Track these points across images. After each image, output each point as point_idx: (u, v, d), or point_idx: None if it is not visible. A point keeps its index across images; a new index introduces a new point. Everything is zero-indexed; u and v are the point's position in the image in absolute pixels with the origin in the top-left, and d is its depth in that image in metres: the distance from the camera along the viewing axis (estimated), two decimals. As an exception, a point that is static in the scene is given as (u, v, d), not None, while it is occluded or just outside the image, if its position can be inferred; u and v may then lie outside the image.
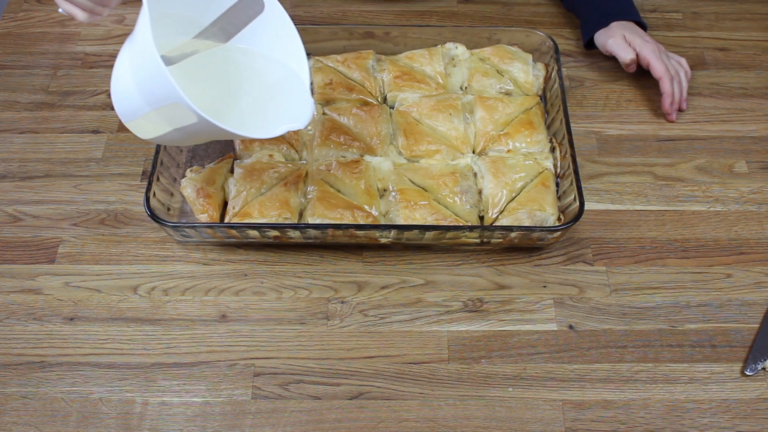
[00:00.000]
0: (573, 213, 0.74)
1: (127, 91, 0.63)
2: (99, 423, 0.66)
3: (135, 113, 0.64)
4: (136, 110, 0.64)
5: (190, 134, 0.65)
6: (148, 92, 0.61)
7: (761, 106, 0.92)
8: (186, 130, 0.63)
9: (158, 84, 0.59)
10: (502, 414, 0.67)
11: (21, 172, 0.84)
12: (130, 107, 0.64)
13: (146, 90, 0.61)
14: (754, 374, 0.69)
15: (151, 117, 0.63)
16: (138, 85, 0.62)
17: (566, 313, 0.73)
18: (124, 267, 0.76)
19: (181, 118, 0.61)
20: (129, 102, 0.64)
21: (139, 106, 0.63)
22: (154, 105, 0.62)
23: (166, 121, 0.63)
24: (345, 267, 0.77)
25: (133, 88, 0.62)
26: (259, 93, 0.74)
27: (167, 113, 0.62)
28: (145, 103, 0.62)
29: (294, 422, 0.66)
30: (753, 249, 0.78)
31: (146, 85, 0.61)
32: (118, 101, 0.65)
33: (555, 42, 0.87)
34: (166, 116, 0.62)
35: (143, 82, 0.61)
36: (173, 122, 0.63)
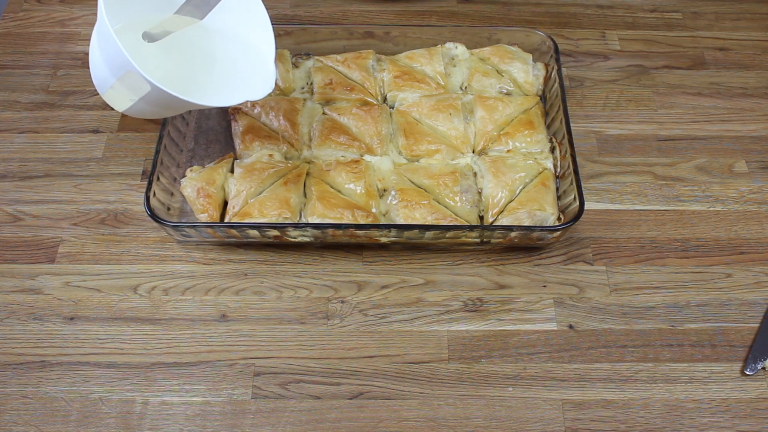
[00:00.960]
0: (573, 213, 0.74)
1: (95, 63, 0.68)
2: (99, 422, 0.66)
3: (105, 84, 0.68)
4: (105, 81, 0.67)
5: (154, 104, 0.67)
6: (109, 62, 0.65)
7: (761, 106, 0.92)
8: (147, 99, 0.66)
9: (113, 51, 0.62)
10: (502, 413, 0.67)
11: (21, 171, 0.84)
12: (100, 78, 0.68)
13: (108, 59, 0.65)
14: (754, 374, 0.69)
15: (117, 87, 0.67)
16: (102, 55, 0.66)
17: (566, 312, 0.73)
18: (124, 267, 0.76)
19: (139, 87, 0.64)
20: (98, 73, 0.68)
21: (106, 76, 0.66)
22: (116, 74, 0.65)
23: (129, 90, 0.66)
24: (345, 267, 0.77)
25: (99, 59, 0.66)
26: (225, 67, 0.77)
27: (128, 82, 0.64)
28: (110, 73, 0.66)
29: (294, 422, 0.66)
30: (753, 249, 0.78)
31: (107, 55, 0.65)
32: (92, 73, 0.69)
33: (555, 42, 0.87)
34: (128, 86, 0.65)
35: (104, 51, 0.65)
36: (136, 92, 0.65)
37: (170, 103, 0.68)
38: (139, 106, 0.68)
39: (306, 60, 0.90)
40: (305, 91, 0.88)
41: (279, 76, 0.87)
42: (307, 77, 0.89)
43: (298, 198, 0.77)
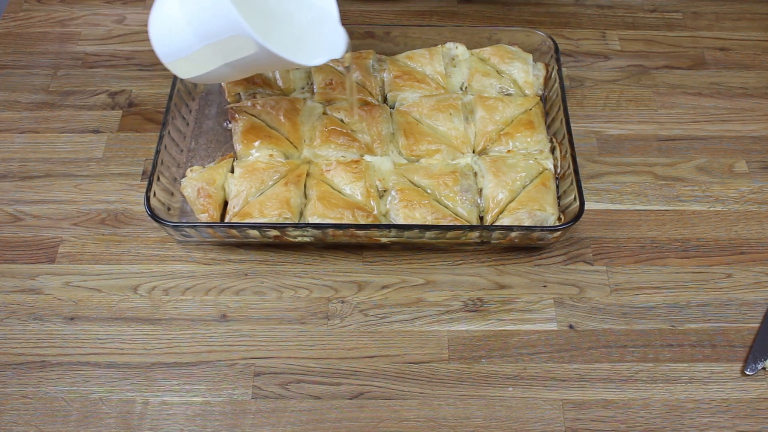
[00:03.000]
0: (573, 213, 0.74)
1: (174, 28, 0.64)
2: (99, 423, 0.66)
3: (182, 51, 0.65)
4: (184, 47, 0.64)
5: (240, 68, 0.66)
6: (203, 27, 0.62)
7: (761, 106, 0.92)
8: (237, 64, 0.64)
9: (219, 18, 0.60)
10: (502, 413, 0.67)
11: (21, 171, 0.84)
12: (177, 45, 0.65)
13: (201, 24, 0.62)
14: (754, 374, 0.69)
15: (202, 53, 0.64)
16: (191, 20, 0.62)
17: (566, 312, 0.73)
18: (124, 267, 0.76)
19: (236, 50, 0.62)
20: (176, 39, 0.64)
21: (189, 42, 0.63)
22: (208, 40, 0.62)
23: (217, 55, 0.64)
24: (345, 267, 0.77)
25: (183, 24, 0.63)
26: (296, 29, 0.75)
27: (221, 47, 0.62)
28: (196, 39, 0.63)
29: (294, 422, 0.66)
30: (753, 249, 0.78)
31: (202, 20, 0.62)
32: (161, 41, 0.66)
33: (555, 42, 0.87)
34: (220, 50, 0.63)
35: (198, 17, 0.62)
36: (226, 56, 0.63)
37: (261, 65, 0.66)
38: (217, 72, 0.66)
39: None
40: (305, 91, 0.88)
41: (279, 76, 0.88)
42: (307, 77, 0.89)
43: (299, 198, 0.77)
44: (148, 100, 0.91)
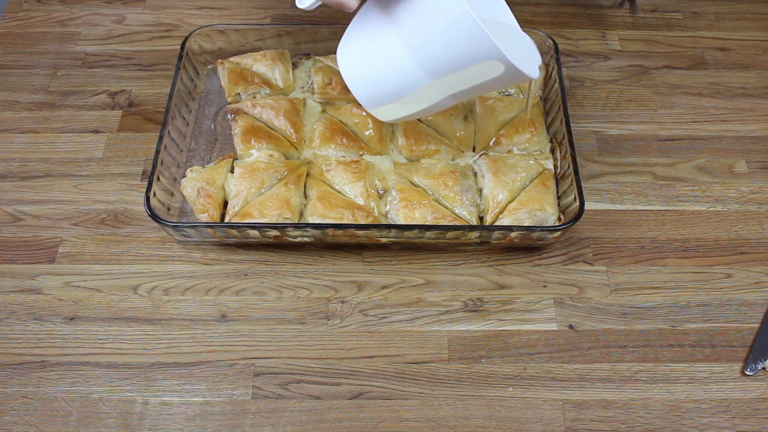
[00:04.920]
0: (573, 213, 0.74)
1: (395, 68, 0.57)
2: (99, 423, 0.66)
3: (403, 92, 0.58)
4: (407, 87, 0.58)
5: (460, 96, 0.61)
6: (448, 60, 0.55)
7: (761, 106, 0.92)
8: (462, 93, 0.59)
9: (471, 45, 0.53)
10: (502, 414, 0.67)
11: (21, 171, 0.84)
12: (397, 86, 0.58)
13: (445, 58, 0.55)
14: (754, 374, 0.69)
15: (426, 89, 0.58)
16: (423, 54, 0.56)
17: (566, 312, 0.73)
18: (124, 267, 0.76)
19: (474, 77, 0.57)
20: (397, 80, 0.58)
21: (415, 80, 0.57)
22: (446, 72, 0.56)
23: (446, 87, 0.58)
24: (345, 267, 0.77)
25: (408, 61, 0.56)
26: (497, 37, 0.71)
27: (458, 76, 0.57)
28: (426, 74, 0.57)
29: (294, 422, 0.66)
30: (753, 249, 0.78)
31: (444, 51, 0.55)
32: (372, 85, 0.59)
33: (555, 42, 0.87)
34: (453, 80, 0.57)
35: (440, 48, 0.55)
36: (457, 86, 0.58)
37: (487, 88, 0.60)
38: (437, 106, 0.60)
39: (306, 60, 0.90)
40: (305, 91, 0.88)
41: (280, 76, 0.88)
42: (307, 77, 0.89)
43: (299, 198, 0.77)
44: (148, 100, 0.91)
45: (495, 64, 0.55)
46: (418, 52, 0.56)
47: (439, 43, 0.55)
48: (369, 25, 0.59)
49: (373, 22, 0.58)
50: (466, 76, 0.57)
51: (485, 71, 0.57)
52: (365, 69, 0.59)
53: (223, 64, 0.88)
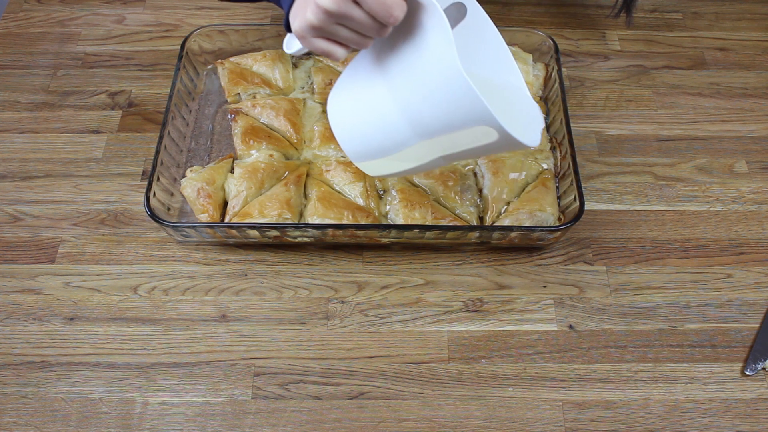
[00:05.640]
0: (573, 213, 0.74)
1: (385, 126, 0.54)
2: (99, 423, 0.66)
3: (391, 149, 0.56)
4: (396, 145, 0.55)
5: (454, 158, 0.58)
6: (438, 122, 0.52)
7: (761, 106, 0.92)
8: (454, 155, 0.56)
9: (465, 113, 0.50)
10: (502, 414, 0.67)
11: (21, 172, 0.84)
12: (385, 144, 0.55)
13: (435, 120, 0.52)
14: (754, 374, 0.69)
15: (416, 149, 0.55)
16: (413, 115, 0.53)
17: (566, 313, 0.73)
18: (124, 267, 0.76)
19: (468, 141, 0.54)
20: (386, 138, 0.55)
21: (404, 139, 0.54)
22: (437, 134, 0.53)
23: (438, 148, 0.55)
24: (345, 267, 0.77)
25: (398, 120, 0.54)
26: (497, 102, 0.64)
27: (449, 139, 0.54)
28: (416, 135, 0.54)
29: (294, 422, 0.66)
30: (753, 249, 0.78)
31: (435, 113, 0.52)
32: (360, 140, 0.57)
33: (555, 42, 0.87)
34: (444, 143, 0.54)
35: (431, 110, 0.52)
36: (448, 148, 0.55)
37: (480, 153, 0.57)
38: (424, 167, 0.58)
39: (306, 60, 0.90)
40: (305, 91, 0.88)
41: (279, 76, 0.88)
42: (307, 77, 0.89)
43: (299, 198, 0.77)
44: (148, 100, 0.91)
45: (488, 130, 0.52)
46: (408, 111, 0.53)
47: (429, 104, 0.52)
48: (361, 76, 0.56)
49: (366, 73, 0.56)
50: (457, 139, 0.54)
51: (478, 136, 0.53)
52: (354, 122, 0.57)
53: (223, 64, 0.88)
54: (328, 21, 0.53)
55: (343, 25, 0.53)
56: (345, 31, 0.54)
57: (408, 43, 0.52)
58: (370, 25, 0.52)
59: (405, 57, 0.53)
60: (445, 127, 0.53)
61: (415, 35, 0.52)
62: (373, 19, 0.52)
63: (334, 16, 0.52)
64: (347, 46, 0.55)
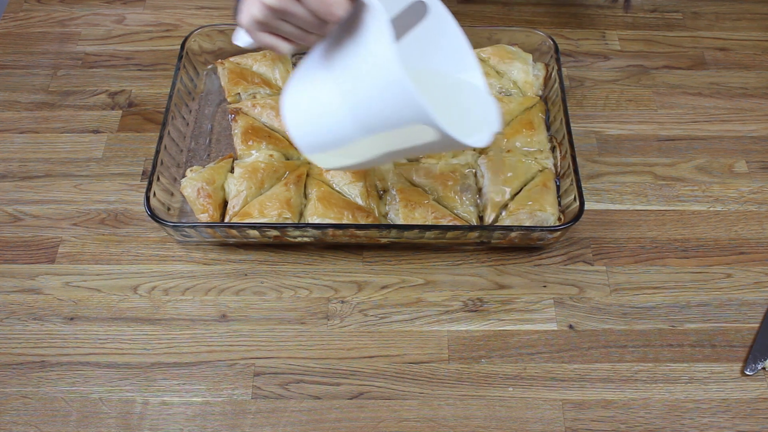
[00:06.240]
0: (573, 213, 0.74)
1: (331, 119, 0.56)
2: (99, 423, 0.66)
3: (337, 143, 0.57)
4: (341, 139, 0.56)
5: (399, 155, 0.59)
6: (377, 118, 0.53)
7: (761, 106, 0.92)
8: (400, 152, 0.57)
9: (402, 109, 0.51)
10: (502, 414, 0.67)
11: (21, 171, 0.84)
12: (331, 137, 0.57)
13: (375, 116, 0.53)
14: (754, 374, 0.69)
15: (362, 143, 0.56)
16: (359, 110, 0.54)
17: (566, 312, 0.73)
18: (124, 267, 0.76)
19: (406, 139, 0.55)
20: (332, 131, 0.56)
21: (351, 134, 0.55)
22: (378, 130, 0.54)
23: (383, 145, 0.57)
24: (345, 267, 0.77)
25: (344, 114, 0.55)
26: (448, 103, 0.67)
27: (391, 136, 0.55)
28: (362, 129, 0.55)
29: (294, 422, 0.66)
30: (753, 249, 0.78)
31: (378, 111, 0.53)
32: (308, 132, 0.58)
33: (555, 42, 0.87)
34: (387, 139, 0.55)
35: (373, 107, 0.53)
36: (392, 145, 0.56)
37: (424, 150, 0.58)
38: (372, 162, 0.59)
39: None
40: (305, 91, 0.88)
41: (279, 76, 0.88)
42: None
43: (299, 198, 0.77)
44: (148, 100, 0.91)
45: (426, 129, 0.53)
46: (352, 107, 0.54)
47: (370, 101, 0.53)
48: (312, 72, 0.58)
49: (316, 69, 0.57)
50: (399, 136, 0.55)
51: (418, 134, 0.54)
52: (303, 116, 0.58)
53: (223, 64, 0.88)
54: (271, 16, 0.55)
55: (287, 21, 0.56)
56: (288, 26, 0.56)
57: (352, 40, 0.54)
58: (311, 22, 0.55)
59: (349, 54, 0.54)
60: (386, 124, 0.54)
61: (358, 33, 0.54)
62: (314, 16, 0.54)
63: (276, 11, 0.55)
64: (292, 41, 0.58)
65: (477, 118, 0.66)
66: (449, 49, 0.67)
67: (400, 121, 0.53)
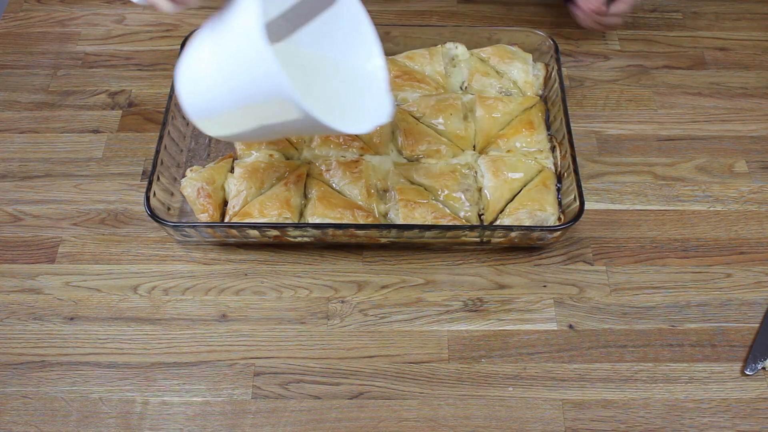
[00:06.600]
0: (573, 213, 0.74)
1: (207, 86, 0.58)
2: (99, 422, 0.66)
3: (214, 110, 0.59)
4: (217, 106, 0.59)
5: (275, 131, 0.61)
6: (244, 88, 0.56)
7: (761, 106, 0.92)
8: (272, 128, 0.59)
9: (264, 81, 0.54)
10: (502, 413, 0.67)
11: (21, 171, 0.84)
12: (209, 104, 0.59)
13: (242, 86, 0.56)
14: (754, 374, 0.69)
15: (237, 113, 0.58)
16: (228, 79, 0.57)
17: (566, 312, 0.73)
18: (124, 266, 0.76)
19: (275, 114, 0.57)
20: (209, 98, 0.59)
21: (223, 102, 0.58)
22: (247, 101, 0.57)
23: (253, 117, 0.59)
24: (345, 267, 0.77)
25: (218, 83, 0.57)
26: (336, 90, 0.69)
27: (260, 109, 0.57)
28: (234, 98, 0.57)
29: (294, 422, 0.66)
30: (753, 249, 0.78)
31: (245, 81, 0.55)
32: (190, 97, 0.60)
33: (555, 42, 0.87)
34: (257, 112, 0.58)
35: (241, 77, 0.56)
36: (263, 118, 0.58)
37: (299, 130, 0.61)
38: (251, 134, 0.61)
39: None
40: (305, 91, 0.88)
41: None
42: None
43: (299, 198, 0.77)
44: (148, 100, 0.91)
45: (290, 105, 0.54)
46: (225, 75, 0.57)
47: (240, 72, 0.55)
48: (201, 39, 0.60)
49: (204, 36, 0.59)
50: (269, 110, 0.57)
51: (284, 110, 0.56)
52: (189, 81, 0.60)
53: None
54: None
55: None
56: None
57: (230, 12, 0.57)
58: None
59: (225, 25, 0.57)
60: (253, 95, 0.56)
61: (235, 5, 0.56)
62: None
63: None
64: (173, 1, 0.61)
65: (363, 107, 0.68)
66: (356, 38, 0.69)
67: (264, 94, 0.55)
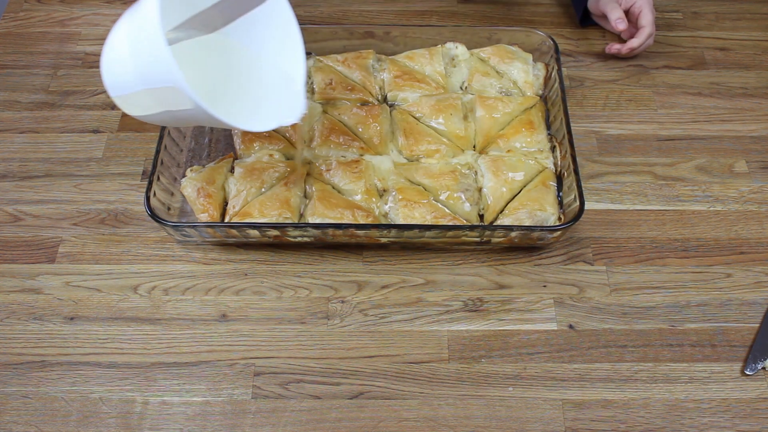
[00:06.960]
0: (573, 213, 0.74)
1: (120, 65, 0.61)
2: (99, 422, 0.66)
3: (125, 89, 0.62)
4: (127, 86, 0.62)
5: (179, 118, 0.64)
6: (144, 71, 0.59)
7: (761, 106, 0.92)
8: (176, 114, 0.62)
9: (158, 66, 0.57)
10: (502, 413, 0.67)
11: (21, 171, 0.84)
12: (120, 82, 0.62)
13: (143, 69, 0.59)
14: (754, 374, 0.69)
15: (143, 96, 0.61)
16: (135, 62, 0.60)
17: (566, 312, 0.73)
18: (124, 266, 0.76)
19: (174, 101, 0.60)
20: (121, 76, 0.62)
21: (132, 82, 0.61)
22: (147, 85, 0.60)
23: (157, 101, 0.62)
24: (345, 266, 0.77)
25: (128, 64, 0.60)
26: (251, 86, 0.73)
27: (160, 95, 0.60)
28: (139, 80, 0.60)
29: (294, 422, 0.66)
30: (753, 249, 0.78)
31: (144, 65, 0.59)
32: (108, 74, 0.63)
33: (555, 42, 0.87)
34: (159, 97, 0.61)
35: (141, 60, 0.59)
36: (165, 104, 0.61)
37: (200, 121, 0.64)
38: (158, 116, 0.64)
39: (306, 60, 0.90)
40: (305, 91, 0.88)
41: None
42: (307, 77, 0.89)
43: (299, 198, 0.77)
44: (148, 100, 0.91)
45: (181, 95, 0.57)
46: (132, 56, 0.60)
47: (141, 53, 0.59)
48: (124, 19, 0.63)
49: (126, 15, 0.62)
50: (169, 96, 0.59)
51: (178, 99, 0.58)
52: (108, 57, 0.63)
53: (223, 64, 0.88)
54: None
55: None
56: None
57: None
58: None
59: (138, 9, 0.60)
60: (151, 80, 0.59)
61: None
62: None
63: None
64: None
65: (276, 106, 0.71)
66: (283, 39, 0.71)
67: (159, 81, 0.58)
